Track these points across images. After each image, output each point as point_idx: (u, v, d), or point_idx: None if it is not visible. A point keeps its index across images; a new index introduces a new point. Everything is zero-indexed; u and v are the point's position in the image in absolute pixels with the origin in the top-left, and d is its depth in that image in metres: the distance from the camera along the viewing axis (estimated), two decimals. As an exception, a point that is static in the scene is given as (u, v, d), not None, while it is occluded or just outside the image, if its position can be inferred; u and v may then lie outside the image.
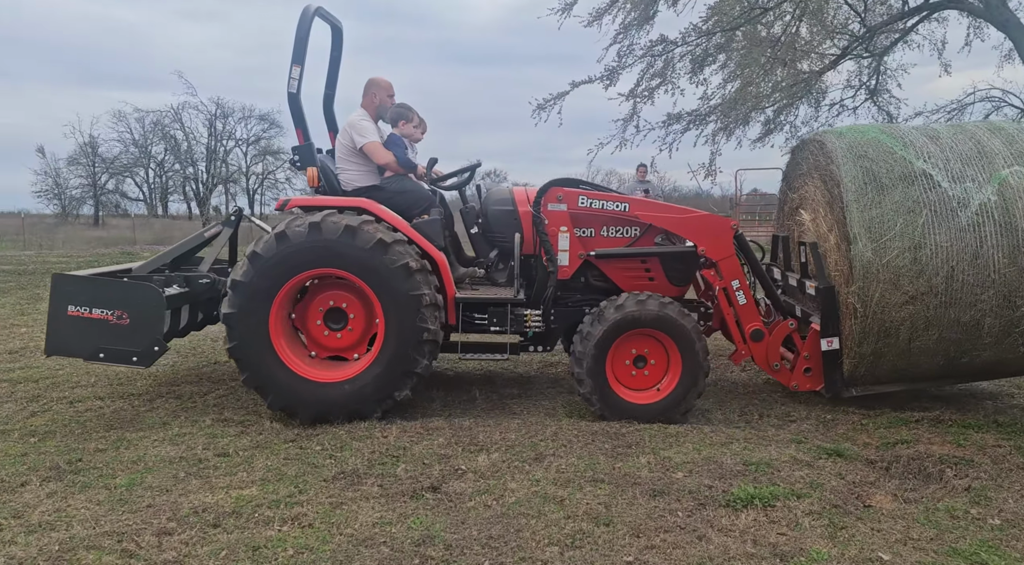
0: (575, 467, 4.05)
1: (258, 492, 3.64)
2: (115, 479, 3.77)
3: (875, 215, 4.79)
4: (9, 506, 3.40)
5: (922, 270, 4.72)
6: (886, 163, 4.94)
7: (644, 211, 5.27)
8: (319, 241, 4.72)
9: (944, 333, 4.80)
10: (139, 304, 4.84)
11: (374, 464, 4.07)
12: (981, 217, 4.75)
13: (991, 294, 4.72)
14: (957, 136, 5.15)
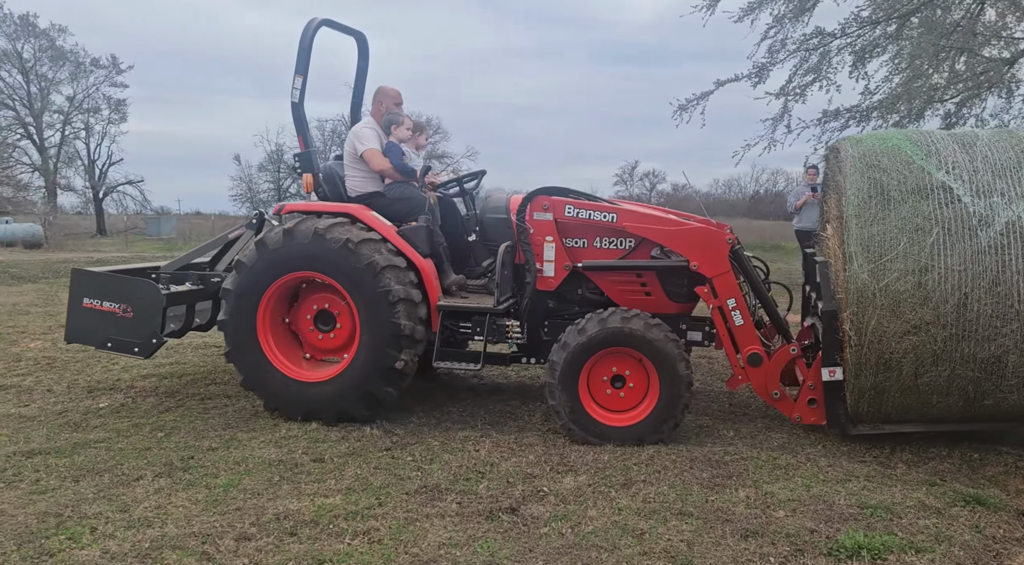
0: (664, 497, 3.80)
1: (340, 501, 3.72)
2: (216, 479, 3.99)
3: (875, 232, 4.23)
4: (120, 500, 3.69)
5: (928, 296, 4.11)
6: (899, 174, 4.34)
7: (633, 222, 4.92)
8: (293, 246, 4.90)
9: (958, 370, 4.17)
10: (140, 299, 5.24)
11: (458, 479, 4.03)
12: (1007, 238, 4.08)
13: (1015, 328, 4.04)
14: (999, 143, 4.43)
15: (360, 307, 4.88)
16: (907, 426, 4.59)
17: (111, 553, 3.13)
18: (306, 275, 5.04)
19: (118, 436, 4.68)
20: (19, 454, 4.29)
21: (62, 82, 52.73)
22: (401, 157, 5.29)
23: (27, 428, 4.81)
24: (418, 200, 5.30)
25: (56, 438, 4.62)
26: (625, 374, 4.66)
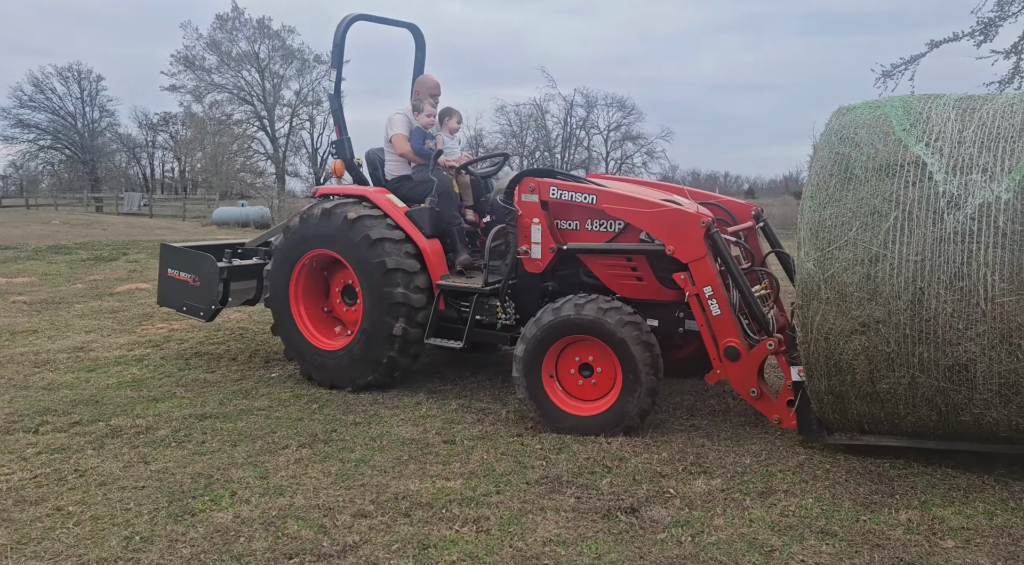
0: (806, 511, 3.39)
1: (460, 486, 3.71)
2: (352, 453, 4.15)
3: (827, 216, 3.67)
4: (263, 466, 3.95)
5: (877, 290, 3.49)
6: (871, 148, 3.70)
7: (612, 204, 4.68)
8: (308, 227, 5.41)
9: (919, 378, 3.51)
10: (205, 271, 5.99)
11: (582, 473, 3.87)
12: (978, 223, 3.34)
13: (981, 331, 3.30)
14: (1007, 108, 3.58)
15: (361, 278, 5.25)
16: (888, 439, 3.93)
17: (241, 518, 3.35)
18: (321, 253, 5.46)
19: (278, 405, 5.04)
20: (193, 416, 4.76)
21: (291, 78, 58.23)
22: (422, 142, 5.56)
23: (206, 393, 5.33)
24: (438, 182, 5.45)
25: (227, 404, 5.07)
26: (589, 361, 4.49)
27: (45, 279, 11.52)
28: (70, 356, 6.38)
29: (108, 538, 3.16)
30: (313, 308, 5.68)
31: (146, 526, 3.27)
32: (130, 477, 3.80)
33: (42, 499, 3.54)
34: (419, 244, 5.21)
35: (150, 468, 3.92)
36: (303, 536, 3.18)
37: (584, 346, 4.48)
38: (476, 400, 5.19)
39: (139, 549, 3.07)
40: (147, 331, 7.48)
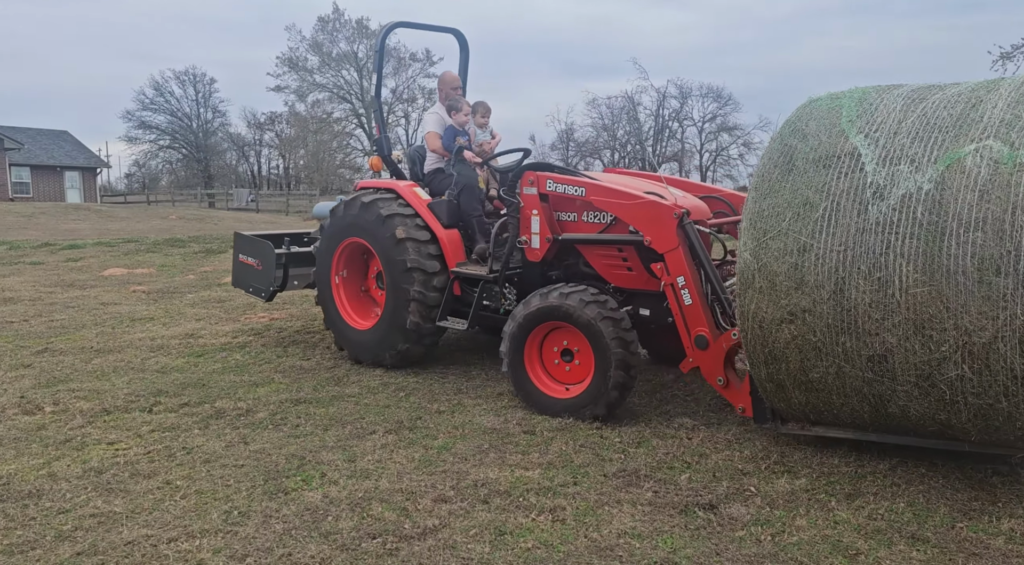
0: (897, 515, 3.26)
1: (538, 475, 3.77)
2: (435, 440, 4.28)
3: (766, 207, 3.69)
4: (352, 450, 4.13)
5: (803, 280, 3.51)
6: (816, 139, 3.71)
7: (599, 196, 4.85)
8: (347, 216, 5.90)
9: (844, 368, 3.50)
10: (265, 256, 6.68)
11: (661, 467, 3.86)
12: (899, 213, 3.30)
13: (897, 321, 3.27)
14: (953, 98, 3.53)
15: (386, 270, 5.70)
16: (835, 431, 3.90)
17: (330, 498, 3.52)
18: (355, 241, 5.95)
19: (368, 392, 5.25)
20: (289, 401, 5.02)
21: (387, 76, 59.79)
22: (453, 138, 5.89)
23: (301, 379, 5.60)
24: (464, 176, 5.75)
25: (321, 390, 5.31)
26: (574, 349, 4.71)
27: (162, 270, 12.35)
28: (181, 342, 6.84)
29: (210, 511, 3.39)
30: (352, 288, 6.25)
31: (244, 502, 3.49)
32: (231, 456, 4.06)
33: (154, 473, 3.84)
34: (436, 233, 5.62)
35: (249, 448, 4.17)
36: (386, 518, 3.32)
37: (564, 332, 4.73)
38: (558, 392, 5.23)
39: (237, 523, 3.29)
40: (250, 320, 7.91)
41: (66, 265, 12.94)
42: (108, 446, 4.21)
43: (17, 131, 41.37)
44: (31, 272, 11.98)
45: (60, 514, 3.36)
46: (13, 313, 8.29)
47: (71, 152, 45.11)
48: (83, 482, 3.71)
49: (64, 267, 12.69)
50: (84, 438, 4.34)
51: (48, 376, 5.68)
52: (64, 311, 8.44)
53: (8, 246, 15.55)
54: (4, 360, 6.17)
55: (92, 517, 3.33)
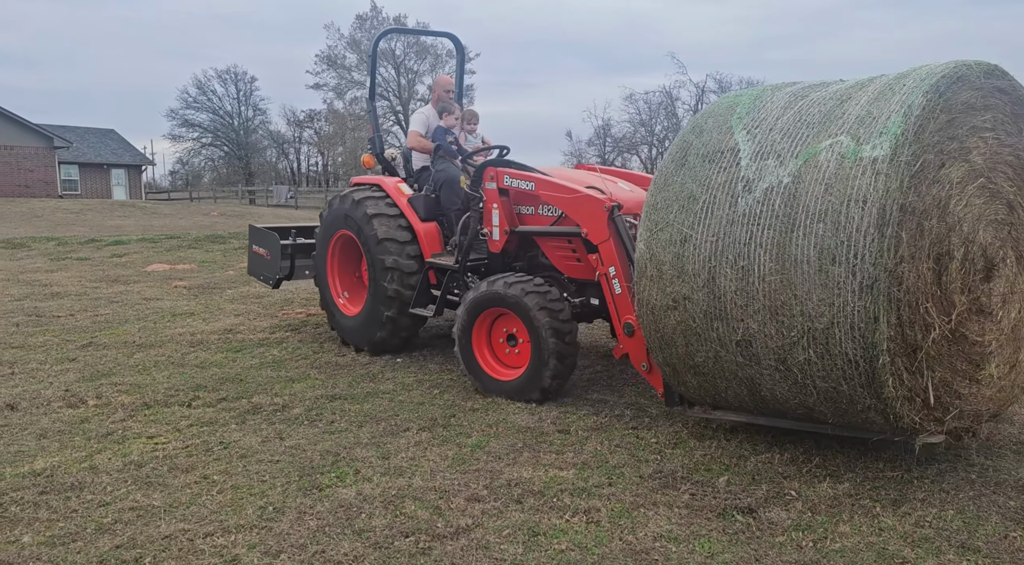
0: (945, 523, 3.14)
1: (572, 476, 3.72)
2: (469, 439, 4.26)
3: (659, 199, 3.91)
4: (385, 447, 4.13)
5: (684, 269, 3.73)
6: (709, 136, 3.91)
7: (545, 191, 5.12)
8: (340, 210, 6.28)
9: (720, 352, 3.68)
10: (272, 246, 7.20)
11: (698, 469, 3.78)
12: (762, 205, 3.47)
13: (757, 308, 3.45)
14: (831, 95, 3.68)
15: (368, 265, 6.06)
16: (732, 415, 4.07)
17: (364, 495, 3.52)
18: (346, 233, 6.32)
19: (402, 389, 5.25)
20: (324, 397, 5.04)
21: (424, 73, 60.09)
22: (444, 137, 6.14)
23: (337, 375, 5.64)
24: (445, 172, 6.02)
25: (356, 386, 5.33)
26: (517, 335, 4.97)
27: (203, 266, 12.57)
28: (220, 337, 6.93)
29: (245, 507, 3.42)
30: (347, 276, 6.68)
31: (279, 498, 3.51)
32: (267, 451, 4.09)
33: (191, 467, 3.88)
34: (414, 226, 5.97)
35: (284, 444, 4.20)
36: (419, 516, 3.31)
37: (508, 319, 5.00)
38: (592, 391, 5.18)
39: (272, 518, 3.30)
40: (287, 316, 7.99)
41: (111, 261, 13.25)
42: (148, 440, 4.28)
43: (66, 130, 42.53)
44: (77, 268, 12.29)
45: (101, 507, 3.42)
46: (60, 308, 8.49)
47: (117, 150, 46.24)
48: (123, 475, 3.77)
49: (109, 263, 12.99)
50: (125, 432, 4.41)
51: (92, 370, 5.80)
52: (108, 306, 8.62)
53: (57, 242, 15.98)
54: (51, 354, 6.32)
55: (131, 510, 3.38)
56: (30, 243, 15.71)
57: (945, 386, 3.44)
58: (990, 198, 3.55)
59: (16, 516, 3.33)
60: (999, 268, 3.61)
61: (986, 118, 3.49)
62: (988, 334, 3.61)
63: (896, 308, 3.14)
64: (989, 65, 3.53)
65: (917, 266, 3.20)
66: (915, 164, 3.17)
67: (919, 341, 3.25)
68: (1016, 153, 3.66)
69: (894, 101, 3.35)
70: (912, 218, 3.17)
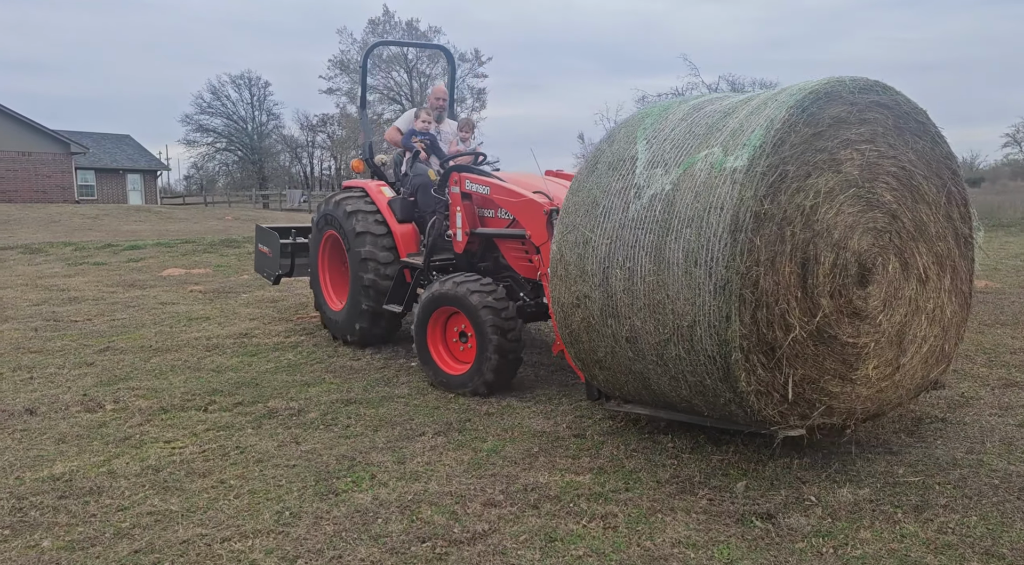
0: (969, 529, 3.10)
1: (589, 481, 3.70)
2: (484, 443, 4.25)
3: (571, 204, 4.15)
4: (401, 451, 4.13)
5: (585, 269, 3.97)
6: (618, 145, 4.13)
7: (498, 195, 5.44)
8: (327, 211, 6.73)
9: (615, 348, 3.92)
10: (272, 245, 7.65)
11: (715, 474, 3.75)
12: (648, 211, 3.70)
13: (640, 306, 3.70)
14: (725, 108, 3.85)
15: (349, 259, 6.45)
16: (640, 408, 4.23)
17: (380, 500, 3.52)
18: (331, 233, 6.76)
19: (417, 393, 5.25)
20: (339, 401, 5.05)
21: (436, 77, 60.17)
22: (410, 138, 6.62)
23: (352, 379, 5.64)
24: (421, 176, 6.35)
25: (371, 390, 5.34)
26: (465, 330, 5.21)
27: (218, 270, 12.64)
28: (236, 341, 6.96)
29: (262, 512, 3.42)
30: (336, 274, 7.05)
31: (295, 502, 3.51)
32: (283, 456, 4.10)
33: (208, 472, 3.89)
34: (392, 227, 6.33)
35: (300, 448, 4.20)
36: (436, 521, 3.30)
37: (460, 317, 5.23)
38: (609, 395, 5.15)
39: (288, 524, 3.30)
40: (302, 319, 8.01)
41: (127, 265, 13.35)
42: (165, 444, 4.30)
43: (83, 136, 42.95)
44: (95, 272, 12.39)
45: (119, 512, 3.44)
46: (78, 312, 8.57)
47: (133, 155, 46.64)
48: (141, 480, 3.78)
49: (125, 267, 13.09)
50: (142, 436, 4.43)
51: (109, 374, 5.84)
52: (125, 310, 8.69)
53: (74, 247, 16.12)
54: (69, 358, 6.38)
55: (149, 515, 3.39)
56: (47, 248, 15.86)
57: (811, 383, 3.58)
58: (866, 207, 3.67)
59: (36, 521, 3.35)
60: (877, 274, 3.73)
61: (862, 131, 3.62)
62: (864, 336, 3.73)
63: (750, 308, 3.32)
64: (866, 81, 3.66)
65: (777, 269, 3.38)
66: (771, 174, 3.34)
67: (778, 340, 3.42)
68: (901, 164, 3.78)
69: (762, 115, 3.52)
70: (770, 224, 3.34)
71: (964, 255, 4.13)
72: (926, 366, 4.06)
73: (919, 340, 3.98)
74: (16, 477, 3.83)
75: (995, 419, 4.46)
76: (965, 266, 4.15)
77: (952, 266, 4.07)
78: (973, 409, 4.65)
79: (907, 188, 3.82)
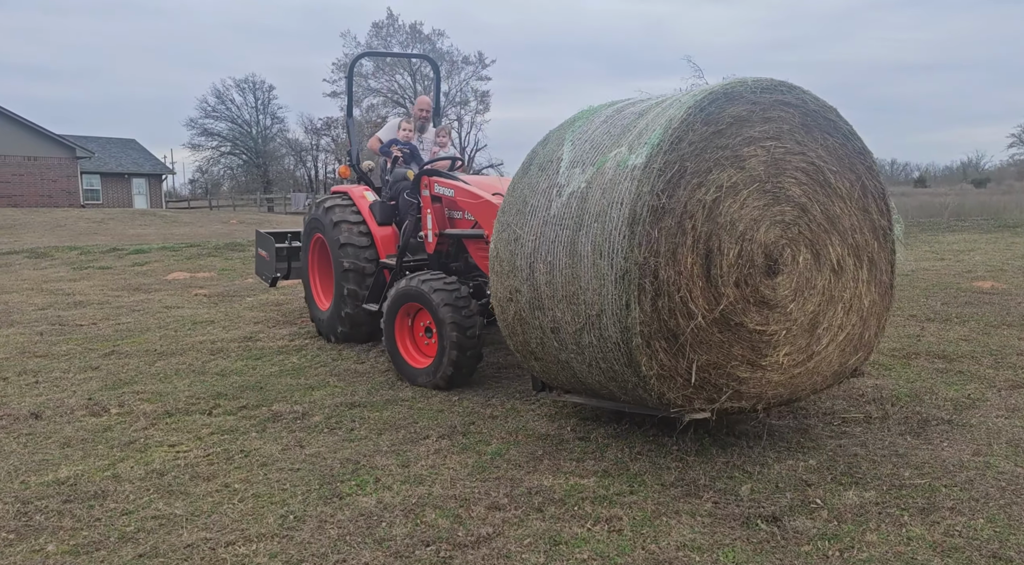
0: (975, 532, 3.08)
1: (593, 483, 3.69)
2: (488, 446, 4.24)
3: (507, 203, 4.34)
4: (405, 455, 4.13)
5: (515, 265, 4.15)
6: (548, 147, 4.33)
7: (462, 197, 5.67)
8: (315, 216, 7.10)
9: (544, 339, 4.10)
10: (269, 248, 8.03)
11: (720, 477, 3.74)
12: (566, 209, 3.89)
13: (559, 298, 3.90)
14: (640, 110, 4.02)
15: (334, 266, 6.77)
16: (576, 397, 4.38)
17: (384, 503, 3.51)
18: (319, 236, 7.13)
19: (420, 397, 5.25)
20: (344, 405, 5.05)
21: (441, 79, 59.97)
22: (389, 147, 6.97)
23: (356, 382, 5.64)
24: (399, 181, 6.68)
25: (375, 394, 5.34)
26: (430, 325, 5.43)
27: (222, 274, 12.66)
28: (240, 345, 6.97)
29: (266, 515, 3.42)
30: (325, 275, 7.36)
31: (299, 506, 3.51)
32: (287, 459, 4.10)
33: (213, 476, 3.89)
34: (372, 229, 6.65)
35: (304, 452, 4.20)
36: (440, 525, 3.29)
37: (425, 313, 5.45)
38: (613, 398, 5.14)
39: (292, 527, 3.30)
40: (306, 323, 8.01)
41: (132, 269, 13.39)
42: (170, 448, 4.30)
43: (88, 140, 43.11)
44: (100, 276, 12.43)
45: (123, 515, 3.44)
46: (83, 316, 8.59)
47: (138, 160, 46.79)
48: (146, 484, 3.79)
49: (131, 271, 13.12)
50: (147, 440, 4.44)
51: (114, 378, 5.86)
52: (130, 314, 8.71)
53: (79, 251, 16.18)
54: (74, 362, 6.39)
55: (154, 519, 3.39)
56: (53, 252, 15.92)
57: (717, 368, 3.73)
58: (772, 201, 3.78)
59: (41, 525, 3.35)
60: (786, 265, 3.85)
61: (766, 129, 3.74)
62: (774, 324, 3.85)
63: (650, 297, 3.50)
64: (770, 81, 3.78)
65: (678, 260, 3.55)
66: (669, 170, 3.50)
67: (680, 327, 3.58)
68: (810, 160, 3.88)
69: (664, 116, 3.68)
70: (669, 218, 3.51)
71: (883, 247, 4.20)
72: (843, 354, 4.13)
73: (835, 328, 4.07)
74: (21, 481, 3.84)
75: (1002, 421, 4.44)
76: (885, 257, 4.22)
77: (870, 257, 4.15)
78: (979, 411, 4.63)
79: (817, 183, 3.92)
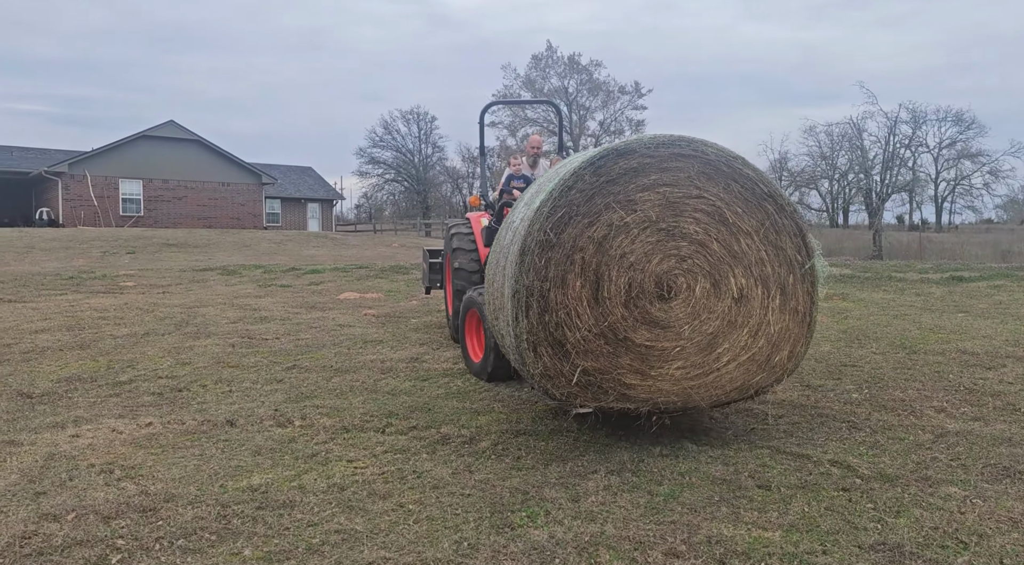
0: None
1: (779, 538, 3.43)
2: (660, 486, 4.07)
3: (500, 233, 5.37)
4: (574, 489, 4.04)
5: (491, 280, 5.22)
6: (535, 188, 5.24)
7: None
8: (446, 236, 8.51)
9: (506, 341, 4.89)
10: (426, 262, 9.33)
11: (929, 545, 3.35)
12: (511, 235, 4.81)
13: (497, 306, 4.92)
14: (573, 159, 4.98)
15: (451, 269, 8.08)
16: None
17: (556, 539, 3.44)
18: (448, 255, 8.41)
19: (585, 429, 5.15)
20: (509, 432, 5.05)
21: (595, 109, 60.67)
22: (509, 183, 8.15)
23: (520, 409, 5.64)
24: (499, 208, 7.61)
25: (539, 422, 5.31)
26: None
27: (388, 295, 13.28)
28: (408, 365, 7.22)
29: (441, 540, 3.45)
30: None
31: (472, 533, 3.51)
32: (457, 483, 4.13)
33: (388, 494, 4.00)
34: (479, 249, 7.74)
35: (474, 477, 4.23)
36: (615, 567, 3.17)
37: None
38: (790, 443, 4.79)
39: (467, 555, 3.30)
40: (469, 347, 8.19)
41: (309, 288, 14.35)
42: (348, 463, 4.48)
43: (271, 168, 47.22)
44: (281, 294, 13.42)
45: (309, 527, 3.59)
46: (267, 331, 9.27)
47: (313, 186, 50.58)
48: (328, 497, 3.95)
49: (307, 290, 14.07)
50: (328, 453, 4.65)
51: (296, 391, 6.23)
52: (308, 331, 9.29)
53: (263, 270, 17.61)
54: (261, 374, 6.88)
55: (336, 533, 3.52)
56: (241, 270, 17.43)
57: (604, 373, 4.44)
58: (666, 237, 4.44)
59: (238, 529, 3.57)
60: (680, 292, 4.49)
61: (662, 177, 4.40)
62: (665, 342, 4.49)
63: (537, 312, 4.32)
64: (668, 137, 4.41)
65: (567, 284, 4.33)
66: (557, 213, 4.32)
67: (566, 337, 4.36)
68: (711, 202, 4.47)
69: (564, 169, 4.59)
70: (558, 250, 4.31)
71: (800, 279, 4.66)
72: (747, 373, 4.64)
73: (737, 349, 4.59)
74: (220, 485, 4.13)
75: None
76: (803, 289, 4.67)
77: (781, 287, 4.62)
78: None
79: (719, 221, 4.50)
